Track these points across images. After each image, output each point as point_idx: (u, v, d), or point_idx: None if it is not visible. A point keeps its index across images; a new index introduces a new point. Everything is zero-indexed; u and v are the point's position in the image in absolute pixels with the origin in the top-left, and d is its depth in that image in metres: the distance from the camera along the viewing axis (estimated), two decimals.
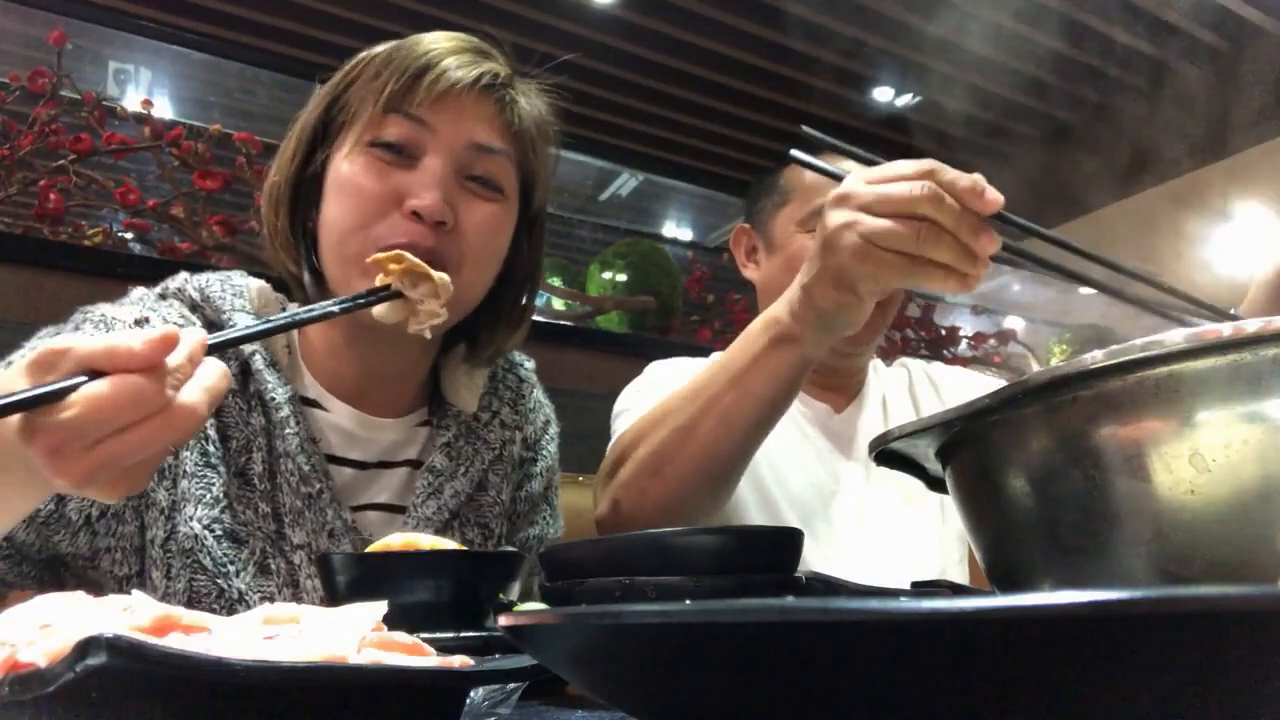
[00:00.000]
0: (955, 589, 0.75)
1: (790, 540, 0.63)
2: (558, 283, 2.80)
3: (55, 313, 0.83)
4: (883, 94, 4.46)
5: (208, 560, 0.77)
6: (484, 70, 0.85)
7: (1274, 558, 0.40)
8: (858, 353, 1.21)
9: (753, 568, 0.59)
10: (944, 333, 3.29)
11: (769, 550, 0.62)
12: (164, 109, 3.78)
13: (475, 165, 0.85)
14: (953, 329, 3.34)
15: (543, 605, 0.63)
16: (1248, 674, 0.26)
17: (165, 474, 0.79)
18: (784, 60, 4.19)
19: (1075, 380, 0.45)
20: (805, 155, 0.81)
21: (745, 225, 1.29)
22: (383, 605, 0.45)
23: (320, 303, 0.71)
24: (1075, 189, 4.20)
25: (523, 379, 1.04)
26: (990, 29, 3.78)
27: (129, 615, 0.39)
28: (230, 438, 0.82)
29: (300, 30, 3.84)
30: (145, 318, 0.81)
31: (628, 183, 5.08)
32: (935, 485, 0.63)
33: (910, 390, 1.29)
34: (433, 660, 0.42)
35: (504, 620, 0.34)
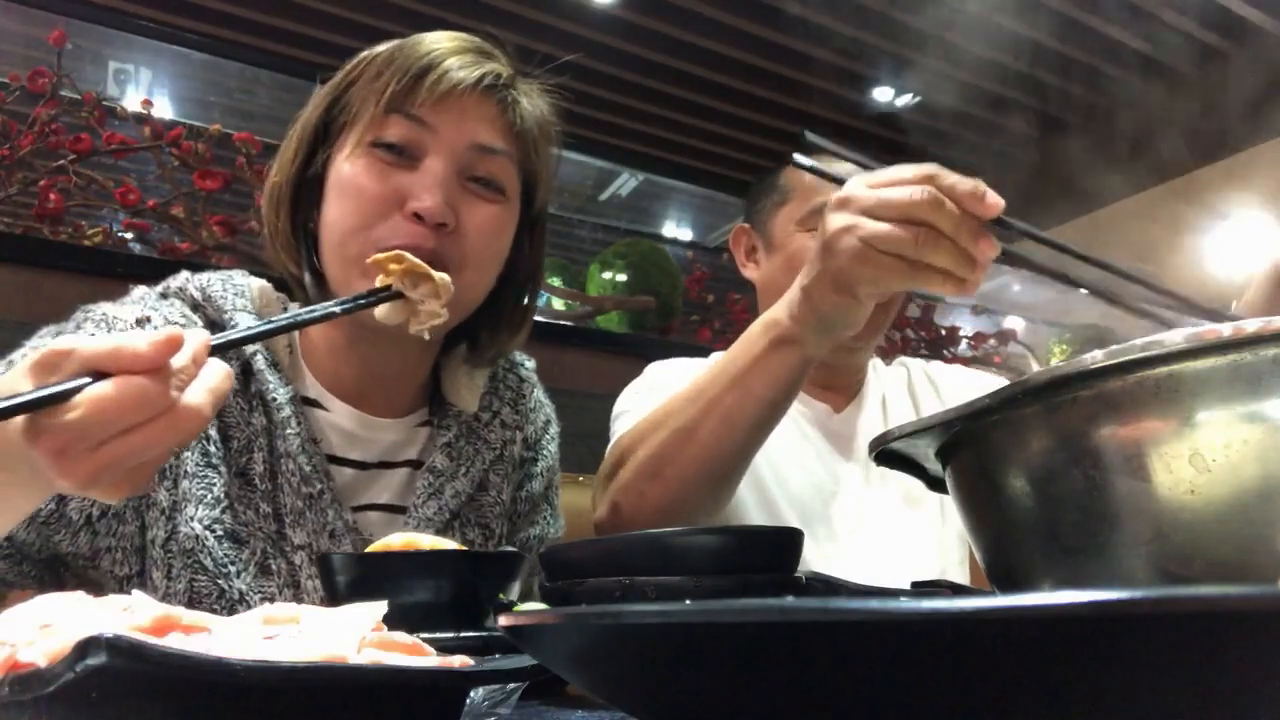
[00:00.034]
0: (955, 589, 0.75)
1: (790, 540, 0.63)
2: (558, 283, 2.80)
3: (55, 313, 0.83)
4: (882, 94, 4.46)
5: (208, 560, 0.77)
6: (486, 71, 0.84)
7: (1274, 558, 0.40)
8: (858, 349, 1.21)
9: (753, 568, 0.59)
10: (944, 333, 3.29)
11: (769, 550, 0.62)
12: (164, 109, 3.80)
13: (477, 166, 0.85)
14: (953, 329, 3.34)
15: (543, 605, 0.63)
16: (1248, 674, 0.26)
17: (166, 474, 0.79)
18: (784, 60, 4.19)
19: (1075, 380, 0.45)
20: (807, 160, 0.81)
21: (745, 225, 1.29)
22: (383, 605, 0.45)
23: (322, 303, 0.72)
24: (1075, 189, 4.20)
25: (523, 379, 1.04)
26: (990, 29, 3.78)
27: (129, 615, 0.39)
28: (231, 438, 0.82)
29: (300, 30, 3.84)
30: (147, 317, 0.81)
31: (628, 183, 5.09)
32: (935, 485, 0.63)
33: (910, 389, 1.29)
34: (433, 660, 0.42)
35: (504, 620, 0.34)
